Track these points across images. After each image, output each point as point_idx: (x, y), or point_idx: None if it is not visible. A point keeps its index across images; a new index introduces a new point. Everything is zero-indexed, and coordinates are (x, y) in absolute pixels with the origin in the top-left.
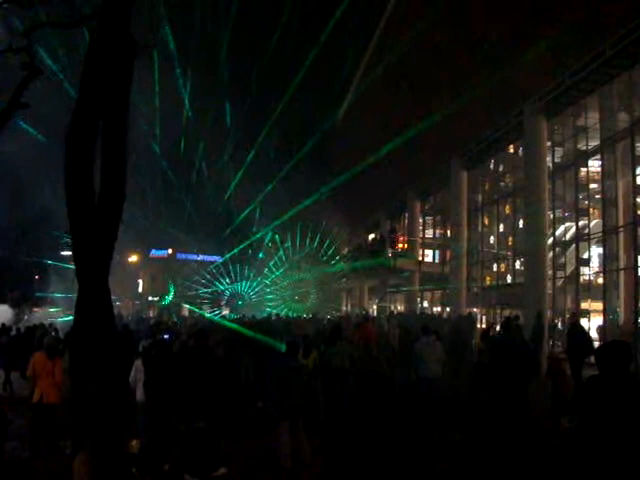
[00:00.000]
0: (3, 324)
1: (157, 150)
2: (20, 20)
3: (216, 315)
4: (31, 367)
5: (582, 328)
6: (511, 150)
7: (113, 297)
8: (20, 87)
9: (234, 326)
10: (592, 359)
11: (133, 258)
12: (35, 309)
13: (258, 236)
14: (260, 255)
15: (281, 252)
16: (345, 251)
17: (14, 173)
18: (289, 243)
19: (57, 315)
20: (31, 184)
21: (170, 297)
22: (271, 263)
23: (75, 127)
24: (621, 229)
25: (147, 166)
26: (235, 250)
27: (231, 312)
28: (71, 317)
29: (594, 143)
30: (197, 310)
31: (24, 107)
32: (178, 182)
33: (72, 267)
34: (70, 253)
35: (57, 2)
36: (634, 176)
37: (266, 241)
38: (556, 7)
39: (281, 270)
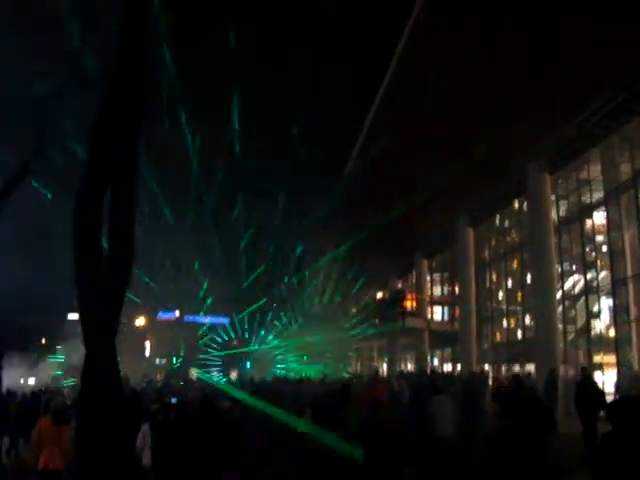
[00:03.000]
0: (9, 389)
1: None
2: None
3: (223, 379)
4: (36, 433)
5: (594, 382)
6: (516, 205)
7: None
8: (32, 154)
9: (238, 394)
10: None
11: (140, 320)
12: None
13: (261, 302)
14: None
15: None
16: (354, 310)
17: (22, 230)
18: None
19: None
20: (37, 244)
21: (178, 360)
22: (282, 321)
23: (84, 189)
24: (630, 280)
25: (155, 228)
26: (244, 313)
27: (240, 376)
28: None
29: (598, 195)
30: (201, 374)
31: (33, 172)
32: (185, 242)
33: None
34: (77, 316)
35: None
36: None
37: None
38: (556, 63)
39: (294, 328)
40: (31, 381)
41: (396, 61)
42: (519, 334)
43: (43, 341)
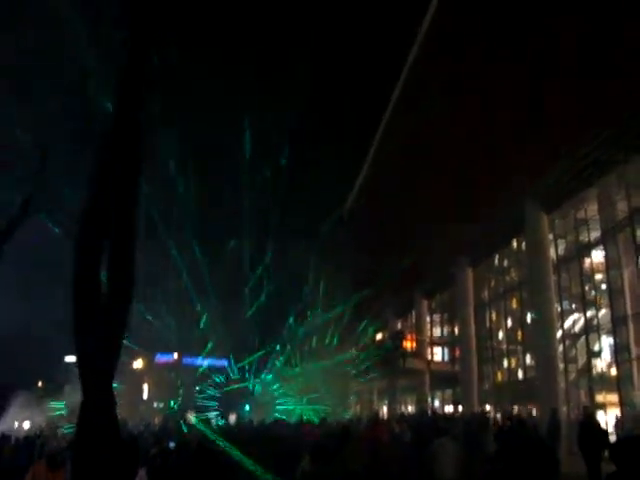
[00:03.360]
0: (3, 433)
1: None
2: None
3: (221, 421)
4: (30, 479)
5: (597, 422)
6: (514, 245)
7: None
8: (29, 197)
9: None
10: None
11: (138, 363)
12: (37, 418)
13: (259, 354)
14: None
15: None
16: (353, 351)
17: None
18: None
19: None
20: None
21: (176, 404)
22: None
23: (83, 235)
24: (630, 318)
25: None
26: (245, 362)
27: (239, 419)
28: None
29: (596, 234)
30: (196, 421)
31: (32, 216)
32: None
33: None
34: (74, 359)
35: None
36: (638, 264)
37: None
38: (549, 105)
39: (294, 370)
40: (26, 425)
41: (384, 128)
42: (520, 374)
43: (40, 384)
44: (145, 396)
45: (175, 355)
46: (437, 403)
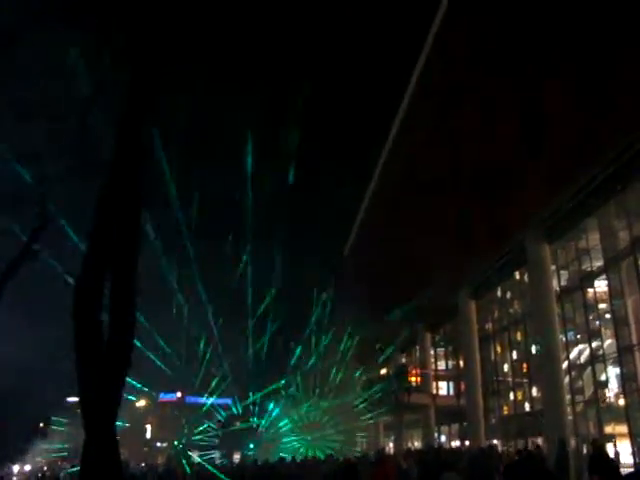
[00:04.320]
0: (2, 477)
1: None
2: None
3: (225, 461)
4: None
5: (607, 454)
6: (517, 276)
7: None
8: (32, 235)
9: None
10: None
11: (141, 402)
12: (38, 459)
13: (264, 392)
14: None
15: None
16: (358, 388)
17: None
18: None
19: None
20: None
21: (180, 443)
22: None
23: (84, 275)
24: (636, 348)
25: (155, 311)
26: (249, 400)
27: (243, 457)
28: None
29: (598, 263)
30: (199, 460)
31: (34, 255)
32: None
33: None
34: (76, 399)
35: (69, 155)
36: None
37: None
38: (550, 135)
39: (299, 408)
40: (27, 468)
41: (384, 161)
42: (527, 406)
43: (41, 425)
44: (148, 435)
45: (178, 394)
46: (443, 438)
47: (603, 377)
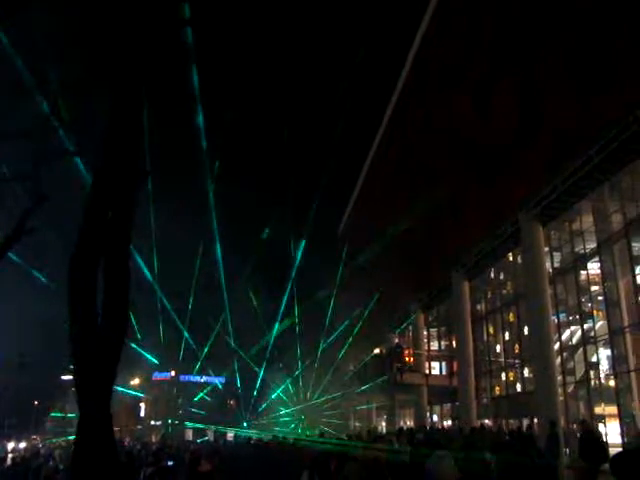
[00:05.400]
0: None
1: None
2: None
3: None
4: None
5: (596, 435)
6: (510, 258)
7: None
8: (26, 213)
9: None
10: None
11: (135, 381)
12: (33, 436)
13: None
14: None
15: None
16: (351, 367)
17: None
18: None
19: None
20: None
21: (174, 421)
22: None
23: (79, 252)
24: (627, 330)
25: (148, 291)
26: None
27: (235, 435)
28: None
29: (591, 246)
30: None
31: (29, 233)
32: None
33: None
34: (70, 377)
35: (63, 132)
36: (634, 276)
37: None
38: (544, 117)
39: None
40: (21, 445)
41: (380, 137)
42: (518, 387)
43: (36, 403)
44: (142, 414)
45: (172, 372)
46: (435, 417)
47: (594, 358)
